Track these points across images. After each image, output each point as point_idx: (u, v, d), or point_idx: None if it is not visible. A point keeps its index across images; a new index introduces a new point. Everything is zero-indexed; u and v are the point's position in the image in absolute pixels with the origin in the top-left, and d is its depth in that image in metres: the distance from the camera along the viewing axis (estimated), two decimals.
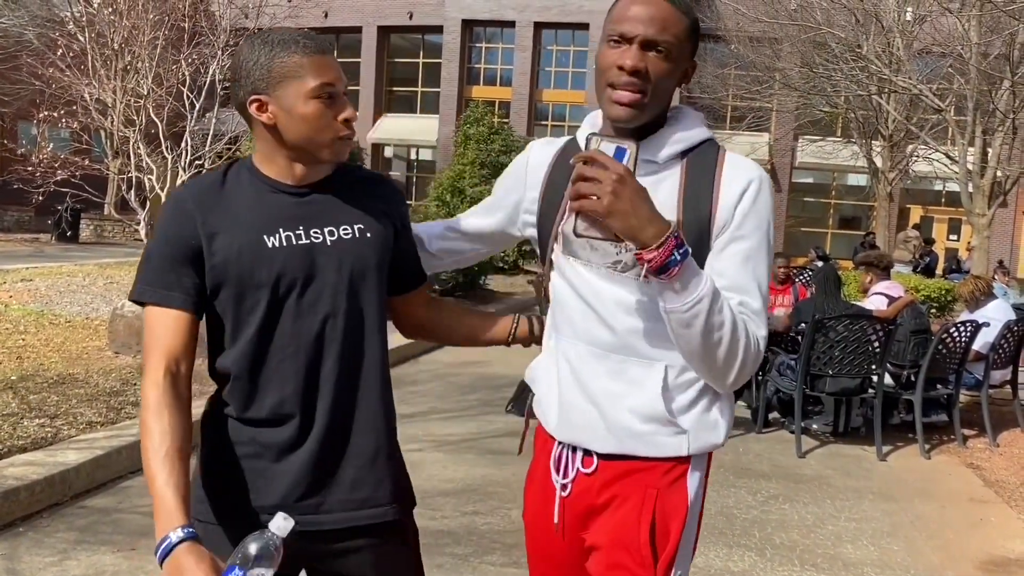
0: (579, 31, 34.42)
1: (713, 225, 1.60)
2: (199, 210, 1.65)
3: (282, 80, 1.62)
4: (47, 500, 4.17)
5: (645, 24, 1.56)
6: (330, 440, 1.70)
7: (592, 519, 1.72)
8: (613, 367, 1.66)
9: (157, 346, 1.62)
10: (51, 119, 12.14)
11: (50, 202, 14.68)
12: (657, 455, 1.66)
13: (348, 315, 1.70)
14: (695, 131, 1.66)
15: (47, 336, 7.70)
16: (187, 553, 1.46)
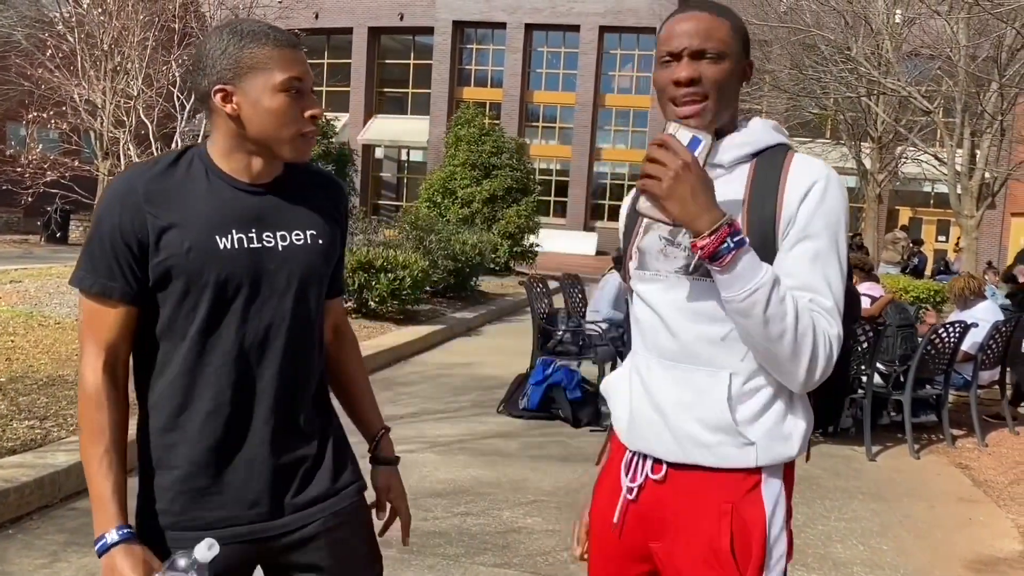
0: (570, 32, 34.46)
1: (778, 225, 1.61)
2: (149, 201, 1.58)
3: (250, 71, 1.58)
4: (37, 502, 4.16)
5: (689, 37, 1.63)
6: (271, 447, 1.67)
7: (664, 527, 1.72)
8: (679, 376, 1.68)
9: (96, 336, 1.60)
10: (40, 120, 12.09)
11: (39, 203, 14.61)
12: (724, 466, 1.65)
13: (292, 322, 1.67)
14: (762, 135, 1.70)
15: (36, 338, 7.67)
16: (123, 555, 1.50)
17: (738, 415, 1.64)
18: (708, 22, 1.65)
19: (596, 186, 35.17)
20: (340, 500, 1.76)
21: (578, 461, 5.61)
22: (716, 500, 1.66)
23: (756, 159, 1.68)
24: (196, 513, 1.63)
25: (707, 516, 1.66)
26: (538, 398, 6.59)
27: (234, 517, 1.64)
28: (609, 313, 7.80)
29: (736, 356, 1.64)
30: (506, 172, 20.07)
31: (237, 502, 1.65)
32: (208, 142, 1.67)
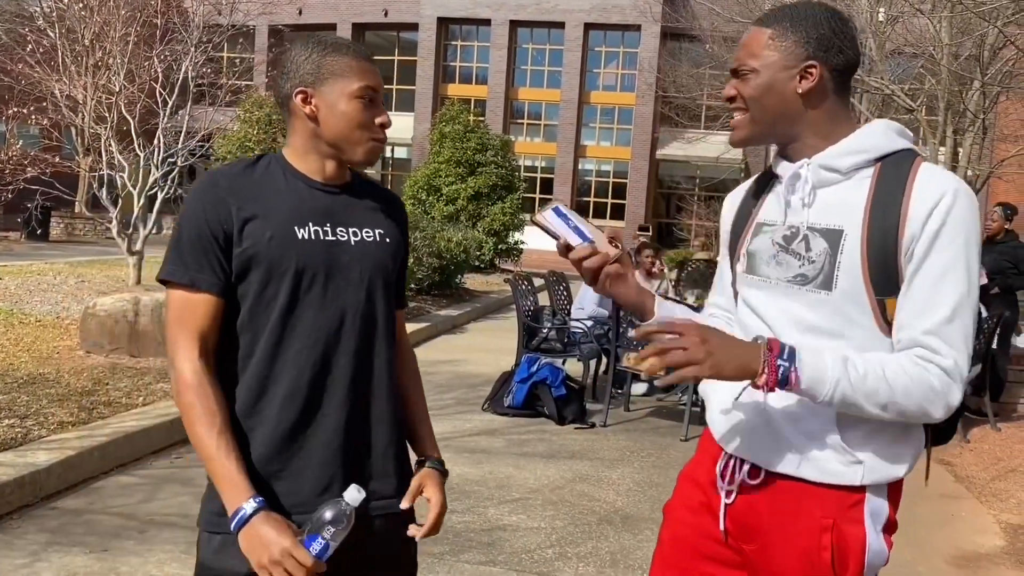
0: (555, 29, 34.47)
1: (900, 239, 1.55)
2: (233, 195, 1.68)
3: (329, 77, 1.70)
4: (17, 501, 4.12)
5: (736, 56, 1.69)
6: (345, 433, 1.73)
7: (758, 533, 1.70)
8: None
9: (188, 326, 1.66)
10: (20, 116, 11.99)
11: (20, 200, 14.48)
12: (827, 481, 1.62)
13: (364, 313, 1.75)
14: (882, 140, 1.64)
15: (17, 335, 7.60)
16: (265, 522, 1.55)
17: (847, 434, 1.60)
18: (750, 36, 1.68)
19: (581, 183, 35.22)
20: (395, 503, 1.80)
21: (563, 458, 5.61)
22: (817, 514, 1.63)
23: (880, 164, 1.61)
24: (272, 497, 1.66)
25: (808, 529, 1.63)
26: (523, 396, 6.59)
27: (307, 502, 1.67)
28: (594, 310, 7.81)
29: None
30: (491, 169, 20.06)
31: (311, 487, 1.70)
32: (285, 147, 1.79)
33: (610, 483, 5.19)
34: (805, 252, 1.61)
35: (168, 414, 5.39)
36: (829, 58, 1.63)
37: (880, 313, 1.58)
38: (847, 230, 1.58)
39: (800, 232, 1.64)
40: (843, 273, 1.57)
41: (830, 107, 1.66)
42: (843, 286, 1.58)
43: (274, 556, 1.53)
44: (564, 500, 4.82)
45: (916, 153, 1.63)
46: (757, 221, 1.74)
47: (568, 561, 3.98)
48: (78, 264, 13.46)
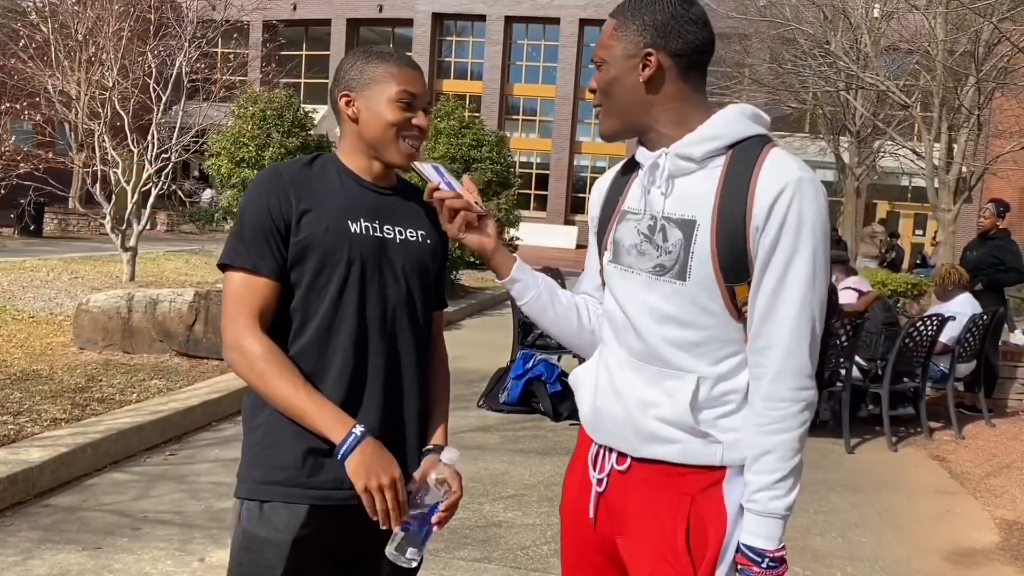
0: (550, 25, 34.44)
1: (748, 232, 1.57)
2: (293, 186, 1.79)
3: (371, 82, 1.83)
4: (10, 499, 4.10)
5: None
6: (383, 419, 1.81)
7: (626, 520, 1.73)
8: (648, 377, 1.68)
9: (248, 308, 1.75)
10: (13, 111, 11.93)
11: (13, 196, 14.41)
12: (688, 462, 1.65)
13: (406, 308, 1.86)
14: (735, 126, 1.63)
15: (9, 332, 7.57)
16: (376, 448, 1.69)
17: (703, 416, 1.63)
18: (605, 27, 1.72)
19: (576, 179, 35.21)
20: None
21: (558, 454, 5.60)
22: (675, 493, 1.66)
23: (732, 151, 1.61)
24: (318, 474, 1.75)
25: (665, 509, 1.66)
26: (518, 392, 6.58)
27: (340, 480, 1.72)
28: None
29: (705, 361, 1.64)
30: (486, 165, 20.01)
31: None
32: (338, 149, 1.92)
33: None
34: (663, 242, 1.63)
35: (161, 411, 5.37)
36: (668, 44, 1.62)
37: (730, 299, 1.61)
38: (699, 220, 1.60)
39: (658, 222, 1.65)
40: (696, 263, 1.60)
41: (676, 94, 1.65)
42: (696, 276, 1.60)
43: (383, 481, 1.66)
44: (559, 496, 4.80)
45: (768, 139, 1.64)
46: (623, 208, 1.75)
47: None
48: (72, 260, 13.41)
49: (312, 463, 1.75)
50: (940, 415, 7.15)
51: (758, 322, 1.60)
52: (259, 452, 1.78)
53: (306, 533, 1.73)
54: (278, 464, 1.76)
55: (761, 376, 1.60)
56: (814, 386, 1.62)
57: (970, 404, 7.48)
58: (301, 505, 1.74)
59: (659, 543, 1.66)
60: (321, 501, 1.75)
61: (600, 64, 1.69)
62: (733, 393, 1.64)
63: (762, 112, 1.69)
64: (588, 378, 1.83)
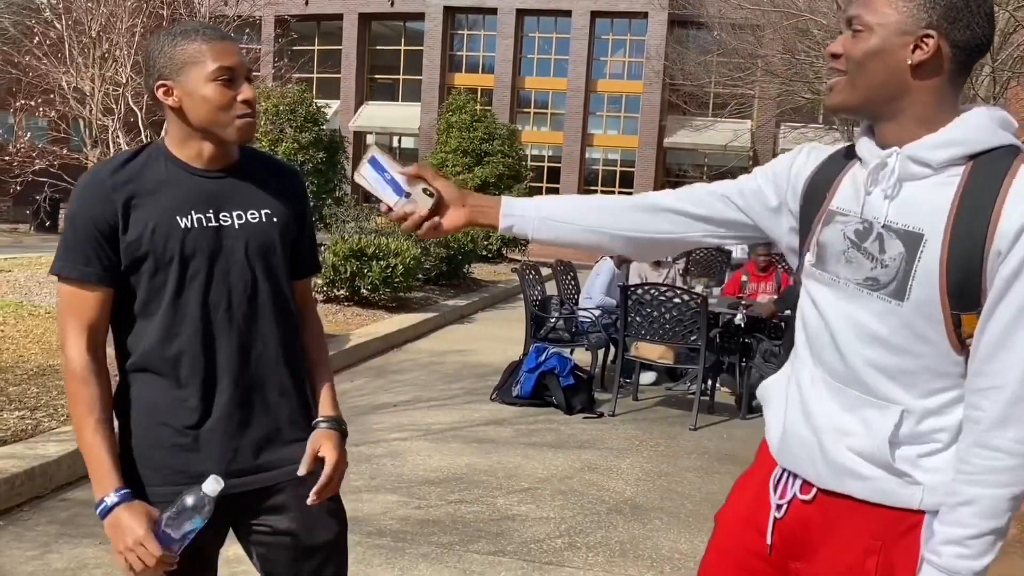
0: (561, 18, 34.36)
1: (987, 251, 1.35)
2: (116, 190, 1.73)
3: (184, 65, 1.73)
4: (28, 493, 4.13)
5: (851, 5, 1.49)
6: (243, 406, 1.83)
7: (806, 550, 1.60)
8: (846, 402, 1.52)
9: (77, 319, 1.75)
10: (28, 108, 12.00)
11: (28, 192, 14.53)
12: (881, 502, 1.49)
13: (253, 291, 1.83)
14: (982, 133, 1.41)
15: (26, 327, 7.63)
16: (124, 511, 1.68)
17: (901, 452, 1.47)
18: None
19: (588, 172, 35.15)
20: (294, 469, 1.88)
21: (571, 448, 5.61)
22: (866, 535, 1.51)
23: (974, 161, 1.40)
24: (180, 467, 1.79)
25: (853, 549, 1.52)
26: (531, 385, 6.58)
27: (215, 471, 1.76)
28: (602, 300, 7.79)
29: (914, 393, 1.46)
30: (498, 159, 20.04)
31: (218, 459, 1.80)
32: (164, 136, 1.85)
33: (619, 473, 5.18)
34: (879, 253, 1.44)
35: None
36: (953, 31, 1.40)
37: (954, 329, 1.41)
38: (928, 235, 1.40)
39: (874, 229, 1.46)
40: (918, 284, 1.40)
41: (939, 89, 1.43)
42: (916, 297, 1.41)
43: (127, 543, 1.66)
44: (573, 490, 4.81)
45: (1019, 150, 1.41)
46: (830, 208, 1.55)
47: (577, 551, 3.97)
48: None
49: (170, 464, 1.79)
50: None
51: (983, 359, 1.39)
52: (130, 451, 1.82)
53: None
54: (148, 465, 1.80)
55: (978, 420, 1.40)
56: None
57: None
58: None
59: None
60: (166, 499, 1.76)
61: (859, 29, 1.44)
62: (942, 432, 1.46)
63: (1012, 118, 1.47)
64: (778, 393, 1.67)
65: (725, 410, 6.95)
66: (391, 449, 5.31)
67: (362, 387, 6.82)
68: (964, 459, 1.41)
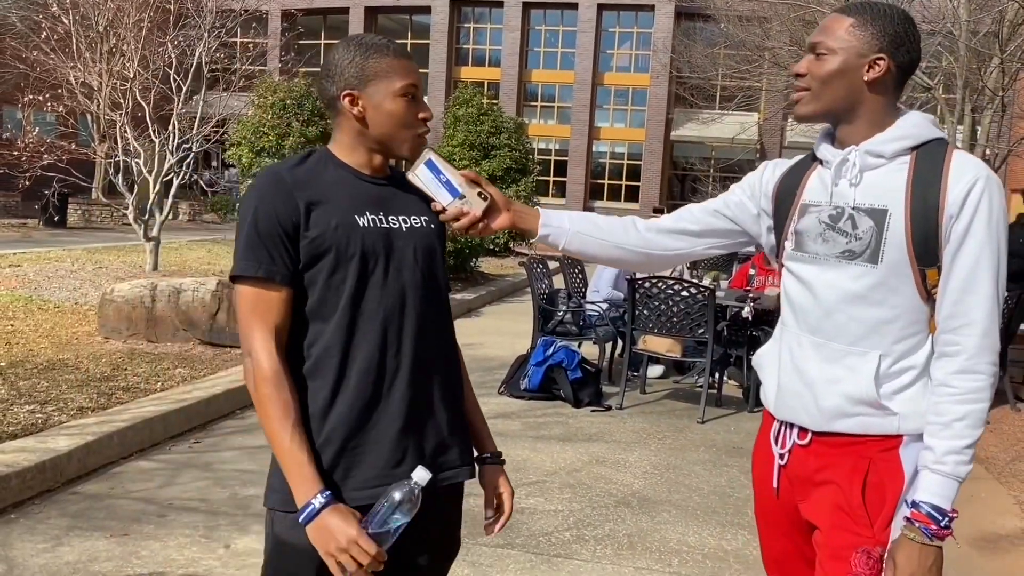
0: (568, 11, 34.28)
1: (941, 216, 1.72)
2: (297, 188, 1.76)
3: (373, 78, 1.79)
4: (38, 487, 4.16)
5: (813, 34, 1.83)
6: (412, 407, 1.82)
7: (809, 490, 1.88)
8: (830, 355, 1.83)
9: (264, 320, 1.73)
10: (36, 103, 12.03)
11: (37, 187, 14.56)
12: (865, 433, 1.80)
13: (423, 294, 1.85)
14: (922, 130, 1.80)
15: (36, 322, 7.66)
16: (331, 514, 1.65)
17: (882, 391, 1.78)
18: (831, 19, 1.83)
19: (595, 165, 35.10)
20: (460, 474, 1.93)
21: (579, 441, 5.62)
22: (854, 457, 1.82)
23: (916, 152, 1.78)
24: (353, 472, 1.77)
25: (843, 469, 1.82)
26: (539, 379, 6.59)
27: (383, 475, 1.77)
28: (609, 293, 7.79)
29: (889, 339, 1.79)
30: (505, 152, 20.00)
31: (385, 461, 1.79)
32: (332, 143, 1.88)
33: (627, 466, 5.19)
34: (852, 230, 1.79)
35: (186, 399, 5.42)
36: (897, 55, 1.78)
37: (921, 282, 1.76)
38: (891, 208, 1.76)
39: (846, 212, 1.81)
40: (889, 247, 1.75)
41: (886, 99, 1.81)
42: (889, 259, 1.76)
43: (341, 544, 1.63)
44: (581, 483, 4.82)
45: (947, 141, 1.80)
46: (802, 202, 1.90)
47: (585, 544, 3.98)
48: (95, 250, 13.53)
49: (342, 469, 1.76)
50: None
51: (952, 303, 1.73)
52: None
53: None
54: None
55: (957, 353, 1.73)
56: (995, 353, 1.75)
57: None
58: None
59: (836, 497, 1.82)
60: (353, 504, 1.73)
61: (823, 53, 1.79)
62: (911, 369, 1.79)
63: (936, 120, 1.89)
64: (770, 360, 2.00)
65: (733, 403, 6.94)
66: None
67: None
68: (949, 384, 1.74)
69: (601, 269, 8.05)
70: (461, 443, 1.93)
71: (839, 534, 1.80)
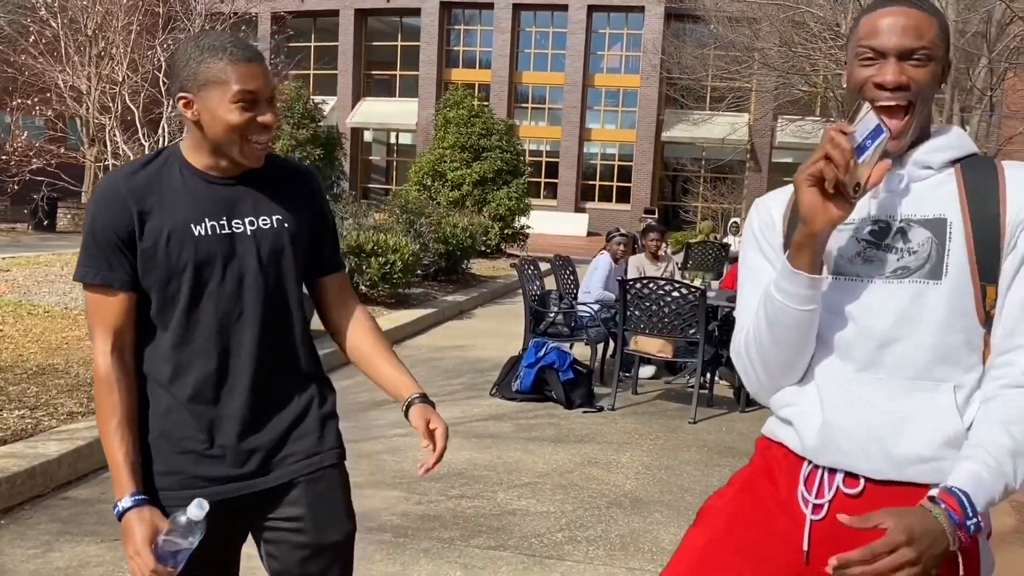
0: (558, 12, 34.32)
1: (1003, 227, 1.52)
2: (132, 197, 1.75)
3: (207, 83, 1.73)
4: (28, 492, 4.14)
5: (900, 35, 1.54)
6: (256, 411, 1.85)
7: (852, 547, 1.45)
8: (892, 392, 1.55)
9: (103, 324, 1.78)
10: (25, 107, 11.99)
11: (26, 191, 14.51)
12: (935, 481, 1.49)
13: (265, 296, 1.84)
14: (966, 143, 1.63)
15: (25, 327, 7.63)
16: (134, 517, 1.73)
17: (965, 421, 1.53)
18: (918, 18, 1.55)
19: (586, 167, 35.13)
20: (322, 459, 1.93)
21: (571, 442, 5.62)
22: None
23: (960, 164, 1.60)
24: (196, 472, 1.82)
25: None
26: (531, 380, 6.59)
27: (227, 475, 1.83)
28: (600, 294, 7.80)
29: (960, 368, 1.54)
30: (496, 154, 20.01)
31: (231, 462, 1.84)
32: (182, 141, 1.86)
33: (619, 466, 5.19)
34: (903, 244, 1.56)
35: None
36: (947, 59, 1.59)
37: (981, 300, 1.53)
38: (951, 218, 1.54)
39: (894, 225, 1.58)
40: (953, 262, 1.53)
41: (932, 106, 1.64)
42: (953, 274, 1.53)
43: (129, 551, 1.72)
44: (573, 484, 4.83)
45: (988, 156, 1.66)
46: None
47: (578, 545, 3.99)
48: None
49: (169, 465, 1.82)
50: None
51: (1017, 318, 1.51)
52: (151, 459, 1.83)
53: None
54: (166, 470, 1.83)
55: (1011, 366, 1.50)
56: None
57: None
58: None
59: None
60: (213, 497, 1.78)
61: (921, 60, 1.54)
62: (978, 400, 1.54)
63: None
64: (807, 397, 1.65)
65: (724, 403, 6.96)
66: (391, 445, 5.32)
67: (362, 383, 6.82)
68: (999, 396, 1.50)
69: (592, 270, 8.05)
70: (323, 433, 1.93)
71: None
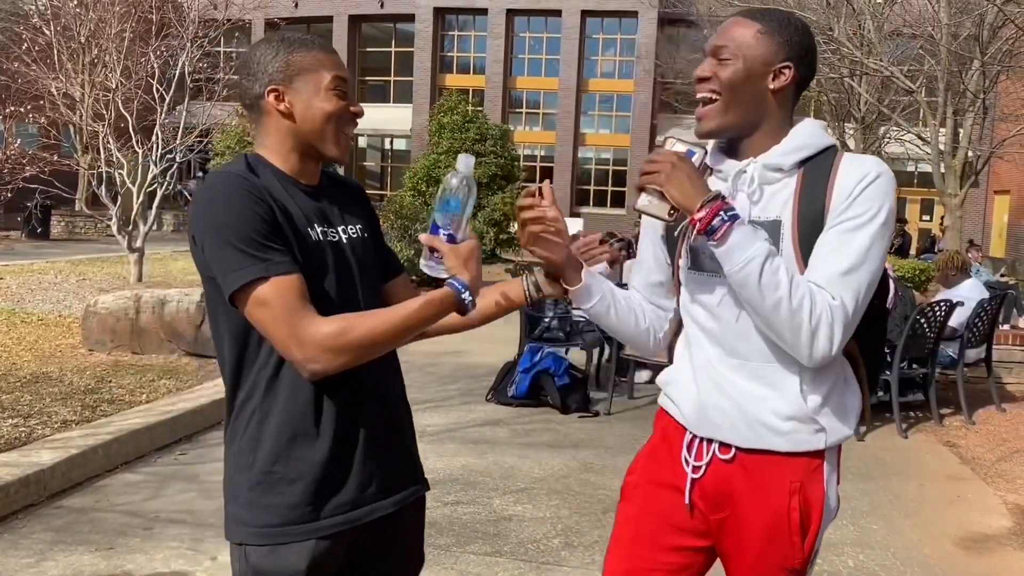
0: (552, 17, 34.34)
1: (826, 214, 1.68)
2: (263, 191, 1.62)
3: (300, 73, 1.68)
4: (22, 501, 4.12)
5: (715, 38, 1.76)
6: (378, 423, 1.75)
7: (729, 503, 1.82)
8: (749, 373, 1.77)
9: (299, 306, 1.56)
10: (18, 114, 11.96)
11: (19, 199, 14.46)
12: (796, 450, 1.76)
13: (367, 304, 1.73)
14: (816, 139, 1.76)
15: (19, 335, 7.60)
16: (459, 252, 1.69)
17: (809, 403, 1.74)
18: (734, 22, 1.76)
19: (581, 172, 35.14)
20: (421, 488, 1.88)
21: (567, 447, 5.61)
22: (787, 479, 1.77)
23: (807, 163, 1.74)
24: (326, 504, 1.67)
25: (779, 493, 1.77)
26: (526, 385, 6.58)
27: (355, 500, 1.70)
28: None
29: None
30: (490, 159, 20.03)
31: (356, 486, 1.71)
32: (260, 149, 1.73)
33: (615, 471, 5.18)
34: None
35: (171, 411, 5.39)
36: (799, 66, 1.75)
37: None
38: (784, 219, 1.71)
39: None
40: (784, 259, 1.68)
41: (785, 110, 1.78)
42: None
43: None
44: (569, 489, 4.81)
45: (838, 148, 1.78)
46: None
47: (574, 551, 3.97)
48: (79, 262, 13.45)
49: (321, 495, 1.66)
50: (950, 401, 7.13)
51: (810, 268, 1.68)
52: (261, 493, 1.65)
53: (320, 560, 1.66)
54: (286, 504, 1.64)
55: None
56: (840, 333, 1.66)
57: (980, 390, 7.44)
58: (312, 540, 1.66)
59: (771, 523, 1.78)
60: (333, 530, 1.67)
61: (727, 58, 1.73)
62: (827, 375, 1.76)
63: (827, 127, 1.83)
64: (683, 376, 1.90)
65: None
66: None
67: None
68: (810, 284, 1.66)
69: None
70: (417, 459, 1.90)
71: (771, 554, 1.78)
